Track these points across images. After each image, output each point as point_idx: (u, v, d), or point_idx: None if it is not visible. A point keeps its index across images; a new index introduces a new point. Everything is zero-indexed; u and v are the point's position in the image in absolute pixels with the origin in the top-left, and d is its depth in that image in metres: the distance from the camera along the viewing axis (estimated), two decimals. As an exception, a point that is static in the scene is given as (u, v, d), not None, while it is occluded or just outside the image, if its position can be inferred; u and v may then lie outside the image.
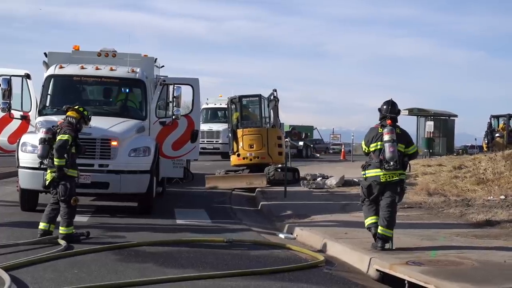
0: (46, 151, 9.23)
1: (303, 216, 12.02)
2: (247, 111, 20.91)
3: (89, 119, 9.92)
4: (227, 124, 22.78)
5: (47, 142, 9.22)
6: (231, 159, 19.90)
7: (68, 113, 9.61)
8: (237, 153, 19.33)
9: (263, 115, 20.12)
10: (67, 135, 9.17)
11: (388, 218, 8.49)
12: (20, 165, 11.39)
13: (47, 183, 9.29)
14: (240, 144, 19.28)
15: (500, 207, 12.46)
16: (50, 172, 9.19)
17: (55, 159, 9.12)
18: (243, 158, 19.24)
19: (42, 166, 9.52)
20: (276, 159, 19.04)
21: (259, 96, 20.24)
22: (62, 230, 8.98)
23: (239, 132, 19.37)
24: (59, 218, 9.21)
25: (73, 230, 9.07)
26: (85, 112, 9.73)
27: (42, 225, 9.16)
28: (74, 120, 9.50)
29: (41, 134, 9.43)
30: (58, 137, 9.17)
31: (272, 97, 20.56)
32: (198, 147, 14.04)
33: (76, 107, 9.74)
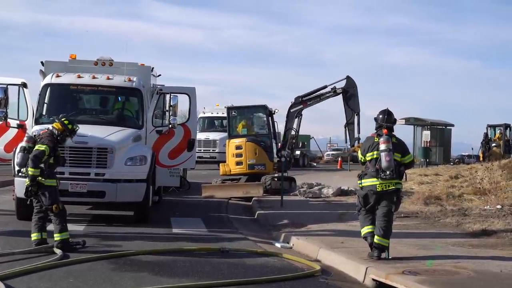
0: (25, 159, 9.22)
1: (299, 225, 12.01)
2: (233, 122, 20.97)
3: (74, 133, 9.87)
4: (223, 133, 22.87)
5: (27, 151, 9.21)
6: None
7: (53, 124, 9.62)
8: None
9: (232, 127, 20.28)
10: (44, 146, 9.17)
11: (384, 227, 8.49)
12: (16, 174, 11.35)
13: (28, 192, 9.23)
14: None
15: (497, 217, 12.47)
16: (26, 181, 9.19)
17: (29, 169, 9.14)
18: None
19: (20, 174, 9.51)
20: (234, 170, 19.12)
21: (227, 108, 20.48)
22: (56, 236, 8.95)
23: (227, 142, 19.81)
24: (51, 227, 9.20)
25: (68, 236, 9.00)
26: (69, 126, 9.68)
27: (34, 236, 9.16)
28: (57, 131, 9.50)
29: (23, 142, 9.42)
30: (36, 147, 9.19)
31: (343, 85, 19.75)
32: (194, 156, 14.03)
33: (63, 119, 9.71)
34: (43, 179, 9.11)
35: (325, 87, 19.18)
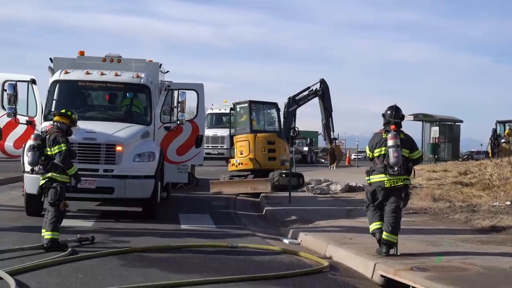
0: (37, 157, 9.12)
1: (307, 222, 12.01)
2: (243, 117, 20.98)
3: (77, 121, 9.92)
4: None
5: (37, 149, 9.13)
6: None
7: (56, 119, 9.53)
8: (231, 159, 19.69)
9: (255, 121, 20.21)
10: (62, 144, 9.15)
11: (392, 223, 8.48)
12: (26, 170, 11.40)
13: (41, 189, 9.19)
14: (235, 150, 19.51)
15: (506, 213, 12.41)
16: (42, 178, 9.11)
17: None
18: (232, 165, 19.58)
19: (33, 173, 9.49)
20: (266, 165, 19.01)
21: (249, 102, 20.32)
22: (47, 234, 8.75)
23: (235, 138, 19.68)
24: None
25: (58, 236, 8.85)
26: (73, 116, 9.68)
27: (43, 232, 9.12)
28: (63, 125, 9.49)
29: (31, 141, 9.34)
30: (55, 149, 9.09)
31: (318, 87, 20.33)
32: (202, 152, 14.04)
33: (63, 111, 9.69)
34: (57, 175, 9.12)
35: (308, 88, 20.01)
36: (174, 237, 10.19)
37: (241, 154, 19.35)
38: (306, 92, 20.34)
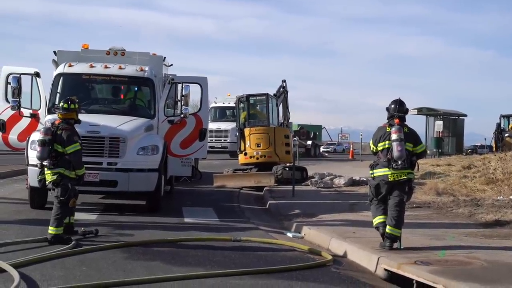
0: (47, 153, 9.07)
1: (311, 215, 12.01)
2: (255, 109, 20.94)
3: (80, 108, 9.89)
4: (235, 123, 22.80)
5: (47, 144, 9.11)
6: (239, 158, 19.94)
7: (65, 116, 9.39)
8: (244, 152, 19.34)
9: (270, 114, 20.10)
10: (77, 144, 9.18)
11: (396, 217, 8.47)
12: (29, 163, 11.42)
13: (47, 184, 9.19)
14: (248, 143, 19.26)
15: (510, 207, 12.39)
16: (51, 173, 9.07)
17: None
18: (250, 157, 19.22)
19: (41, 168, 9.47)
20: (283, 158, 19.02)
21: (267, 94, 20.24)
22: (51, 230, 8.76)
23: (246, 131, 19.38)
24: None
25: (62, 231, 8.85)
26: (77, 106, 9.57)
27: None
28: (72, 120, 9.45)
29: (40, 135, 9.27)
30: (70, 149, 9.06)
31: (281, 89, 20.61)
32: (206, 146, 14.04)
33: (65, 105, 9.45)
34: (69, 172, 9.12)
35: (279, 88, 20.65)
36: (177, 230, 10.21)
37: (258, 146, 19.11)
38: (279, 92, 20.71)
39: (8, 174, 18.65)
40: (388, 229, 8.44)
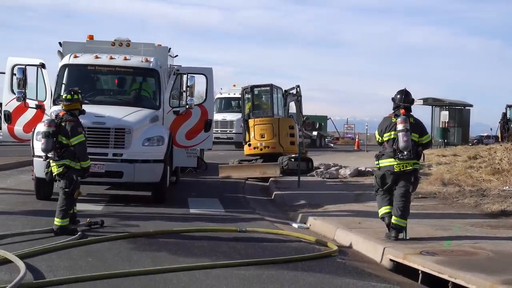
0: (51, 144, 9.08)
1: (316, 206, 12.01)
2: (260, 100, 20.90)
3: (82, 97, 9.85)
4: (240, 113, 22.75)
5: (52, 136, 9.10)
6: (244, 149, 19.92)
7: (67, 107, 9.40)
8: (248, 143, 19.32)
9: (275, 105, 20.06)
10: (82, 135, 9.19)
11: (402, 208, 8.46)
12: (35, 154, 11.45)
13: (54, 176, 9.17)
14: (252, 134, 19.22)
15: (516, 198, 12.36)
16: (56, 165, 9.08)
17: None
18: (254, 148, 19.17)
19: (46, 160, 9.49)
20: (287, 149, 18.98)
21: (271, 85, 20.17)
22: (57, 221, 8.78)
23: (251, 122, 19.32)
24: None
25: (68, 223, 8.88)
26: (80, 96, 9.57)
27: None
28: (76, 111, 9.45)
29: (44, 127, 9.27)
30: (74, 140, 9.08)
31: (295, 92, 20.57)
32: (211, 137, 14.03)
33: (69, 96, 9.44)
34: (74, 163, 9.13)
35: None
36: (183, 221, 10.23)
37: (262, 137, 19.11)
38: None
39: (13, 165, 18.70)
40: (393, 219, 8.44)
